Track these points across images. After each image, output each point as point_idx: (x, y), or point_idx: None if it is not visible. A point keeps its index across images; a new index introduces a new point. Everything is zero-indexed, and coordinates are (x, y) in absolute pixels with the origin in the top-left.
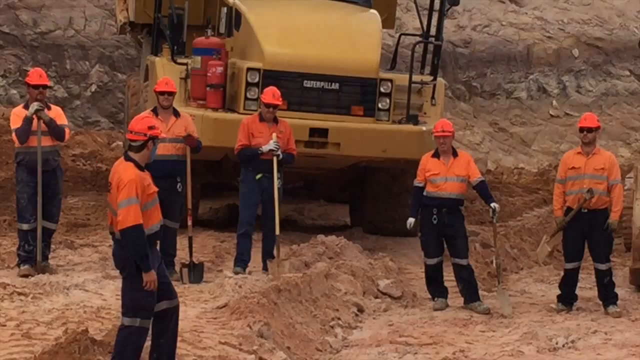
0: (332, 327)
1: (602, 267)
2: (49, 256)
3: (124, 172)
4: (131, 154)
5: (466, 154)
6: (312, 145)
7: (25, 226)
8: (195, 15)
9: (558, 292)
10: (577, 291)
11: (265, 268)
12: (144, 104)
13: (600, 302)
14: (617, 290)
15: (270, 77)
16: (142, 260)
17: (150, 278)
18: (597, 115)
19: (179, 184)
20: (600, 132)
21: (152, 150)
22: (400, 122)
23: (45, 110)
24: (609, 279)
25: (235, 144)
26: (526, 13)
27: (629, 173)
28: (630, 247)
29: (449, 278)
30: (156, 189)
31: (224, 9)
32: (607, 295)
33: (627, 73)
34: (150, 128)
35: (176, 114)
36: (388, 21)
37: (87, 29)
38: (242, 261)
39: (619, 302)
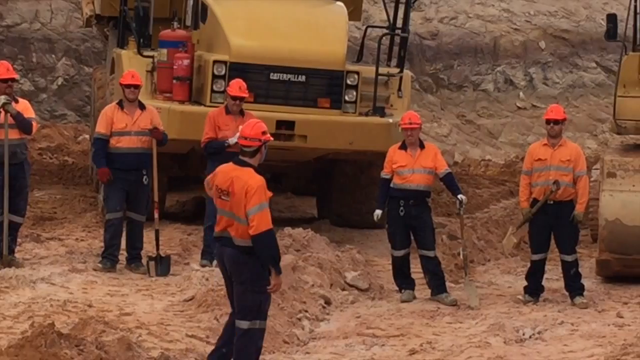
0: (299, 319)
1: (569, 258)
2: (15, 250)
3: (250, 179)
4: (245, 159)
5: (433, 145)
6: (279, 138)
7: None
8: (161, 7)
9: (525, 283)
10: (544, 282)
11: None
12: (110, 96)
13: (567, 293)
14: (583, 281)
15: (237, 69)
16: (275, 263)
17: (279, 281)
18: (563, 107)
19: (145, 177)
20: (567, 124)
21: (264, 154)
22: (366, 114)
23: (13, 103)
24: (575, 270)
25: (201, 137)
26: (493, 5)
27: (595, 164)
28: (597, 238)
29: (416, 270)
30: (271, 194)
31: (190, 2)
32: (574, 286)
33: (594, 65)
34: (264, 133)
35: (142, 106)
36: (354, 13)
37: (53, 22)
38: (209, 254)
39: (585, 293)
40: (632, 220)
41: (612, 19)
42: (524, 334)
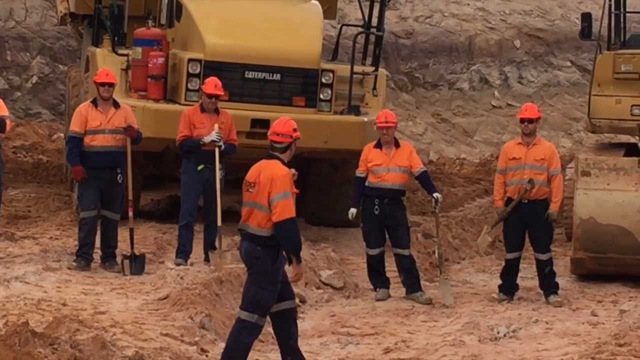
0: None
1: (543, 257)
2: None
3: (276, 169)
4: (276, 153)
5: (408, 144)
6: (254, 136)
7: None
8: (136, 6)
9: (499, 282)
10: (519, 281)
11: (207, 259)
12: (84, 95)
13: (542, 292)
14: (558, 279)
15: (212, 68)
16: (296, 252)
17: (300, 270)
18: (538, 106)
19: (119, 175)
20: (541, 123)
21: (293, 151)
22: (342, 113)
23: None
24: (549, 269)
25: (176, 135)
26: (468, 4)
27: (570, 163)
28: (571, 237)
29: (391, 268)
30: (297, 190)
31: (165, 0)
32: (548, 285)
33: (569, 64)
34: (295, 130)
35: (116, 105)
36: (329, 12)
37: (27, 20)
38: (183, 252)
39: (560, 291)
40: (607, 219)
41: (586, 18)
42: (498, 333)
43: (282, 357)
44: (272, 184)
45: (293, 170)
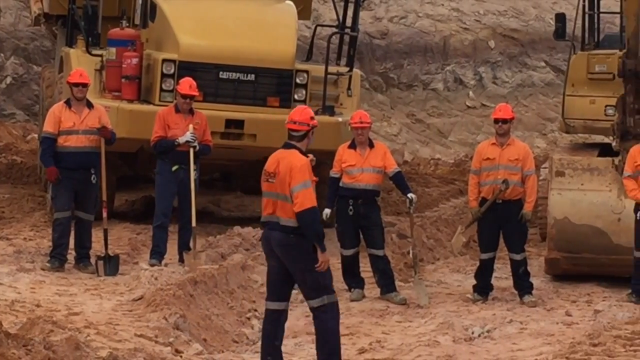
0: (248, 318)
1: (517, 257)
2: None
3: (294, 158)
4: (293, 142)
5: (382, 144)
6: (228, 137)
7: None
8: (110, 6)
9: (474, 282)
10: (493, 281)
11: (181, 260)
12: (58, 95)
13: (516, 292)
14: (532, 279)
15: (186, 68)
16: (319, 240)
17: (325, 258)
18: (512, 106)
19: (93, 176)
20: (515, 123)
21: (311, 139)
22: (316, 113)
23: None
24: (524, 269)
25: (150, 136)
26: (442, 4)
27: (544, 163)
28: (546, 237)
29: (365, 269)
30: (316, 178)
31: (139, 0)
32: (523, 285)
33: (543, 64)
34: (312, 118)
35: (89, 105)
36: (304, 12)
37: (1, 20)
38: (157, 253)
39: (534, 291)
40: (581, 219)
41: (560, 18)
42: (473, 333)
43: (262, 356)
44: (292, 175)
45: (311, 156)
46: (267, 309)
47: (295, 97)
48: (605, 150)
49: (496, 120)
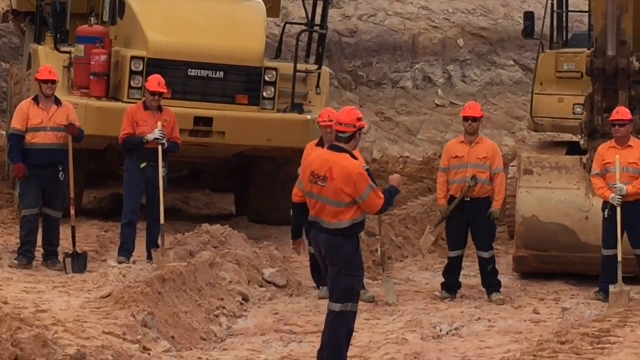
0: (217, 316)
1: (486, 255)
2: None
3: (349, 164)
4: (341, 144)
5: None
6: (197, 134)
7: None
8: (78, 3)
9: (442, 280)
10: (461, 279)
11: (149, 257)
12: (27, 92)
13: (484, 290)
14: (500, 277)
15: (155, 65)
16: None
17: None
18: (481, 105)
19: (61, 173)
20: (484, 122)
21: (358, 141)
22: (285, 111)
23: None
24: (492, 267)
25: (119, 133)
26: (412, 3)
27: (513, 162)
28: (514, 235)
29: None
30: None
31: None
32: (491, 282)
33: (512, 63)
34: (359, 120)
35: (58, 102)
36: (273, 10)
37: None
38: (126, 250)
39: (502, 289)
40: (549, 217)
41: (529, 17)
42: (441, 331)
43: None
44: (356, 185)
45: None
46: (322, 297)
47: (264, 94)
48: (573, 149)
49: (466, 119)
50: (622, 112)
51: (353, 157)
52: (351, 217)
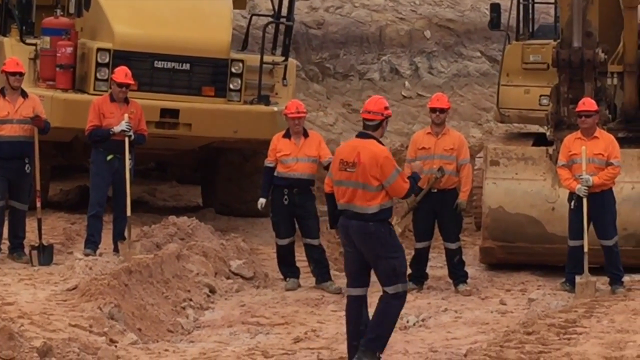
0: (183, 308)
1: (452, 246)
2: None
3: (376, 149)
4: (368, 132)
5: (317, 134)
6: (163, 126)
7: None
8: None
9: (409, 271)
10: (428, 270)
11: (116, 249)
12: None
13: (451, 281)
14: (467, 268)
15: (121, 57)
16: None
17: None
18: (448, 96)
19: (27, 165)
20: (451, 113)
21: (385, 129)
22: (251, 103)
23: None
24: (459, 258)
25: (85, 125)
26: None
27: (479, 153)
28: (480, 226)
29: (300, 258)
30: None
31: None
32: (458, 273)
33: (479, 54)
34: (386, 108)
35: (24, 94)
36: (239, 2)
37: None
38: (92, 242)
39: (469, 280)
40: (515, 208)
41: (495, 8)
42: (408, 322)
43: (349, 342)
44: (382, 168)
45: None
46: (350, 295)
47: (231, 86)
48: (539, 140)
49: (433, 110)
50: (588, 103)
51: (380, 143)
52: (379, 202)
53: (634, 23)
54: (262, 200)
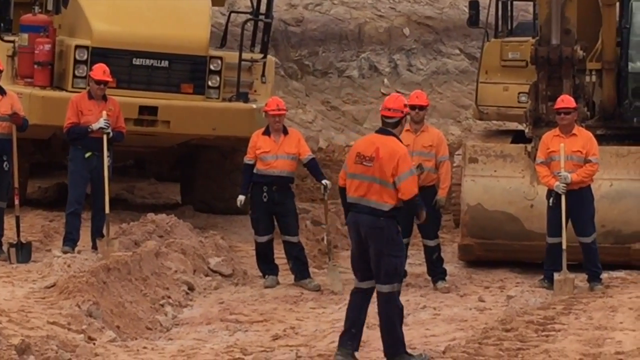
0: (162, 305)
1: (431, 243)
2: None
3: (396, 145)
4: (388, 129)
5: (296, 131)
6: (142, 123)
7: None
8: None
9: None
10: (407, 267)
11: (94, 247)
12: None
13: (429, 278)
14: (446, 265)
15: (99, 54)
16: (421, 210)
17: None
18: (427, 94)
19: (5, 163)
20: (430, 110)
21: (404, 126)
22: (230, 100)
23: None
24: (437, 255)
25: (64, 123)
26: None
27: (458, 150)
28: (459, 223)
29: (279, 255)
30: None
31: None
32: (436, 271)
33: (457, 52)
34: (405, 106)
35: (2, 92)
36: None
37: None
38: (70, 240)
39: (447, 277)
40: (494, 205)
41: (474, 5)
42: None
43: (347, 328)
44: (398, 163)
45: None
46: (358, 287)
47: (209, 83)
48: (518, 137)
49: (412, 107)
50: (566, 100)
51: (400, 140)
52: (395, 202)
53: (613, 20)
54: (241, 198)
